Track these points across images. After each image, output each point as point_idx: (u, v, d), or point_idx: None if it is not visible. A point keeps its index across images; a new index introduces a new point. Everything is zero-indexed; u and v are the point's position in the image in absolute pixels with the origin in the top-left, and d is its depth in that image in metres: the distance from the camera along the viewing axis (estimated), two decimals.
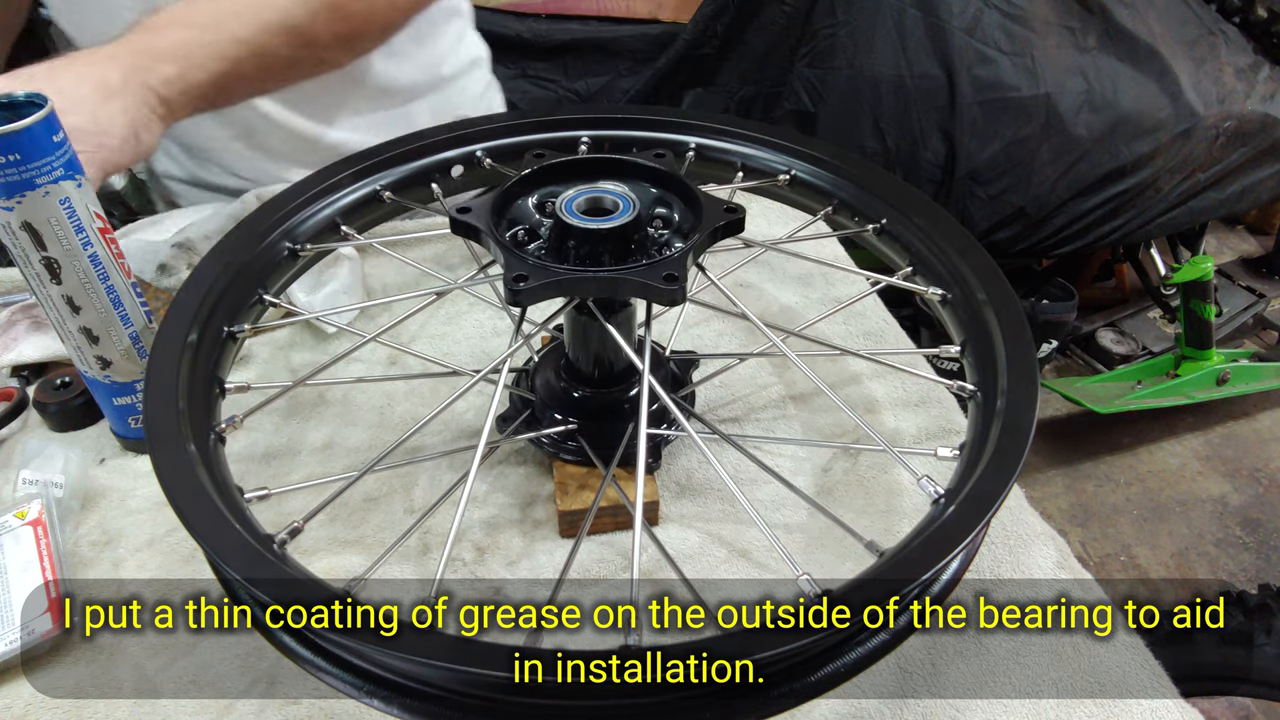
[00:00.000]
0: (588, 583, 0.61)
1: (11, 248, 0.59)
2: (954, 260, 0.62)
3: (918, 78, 1.73)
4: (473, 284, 0.67)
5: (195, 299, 0.58)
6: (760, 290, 0.90)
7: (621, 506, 0.63)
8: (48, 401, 0.72)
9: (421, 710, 0.42)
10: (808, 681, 0.43)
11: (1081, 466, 2.19)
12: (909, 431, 0.73)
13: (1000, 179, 1.77)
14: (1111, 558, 1.98)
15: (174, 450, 0.49)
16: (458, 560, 0.62)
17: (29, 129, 0.54)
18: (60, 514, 0.63)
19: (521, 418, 0.68)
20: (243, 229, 0.65)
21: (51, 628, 0.55)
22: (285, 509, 0.63)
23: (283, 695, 0.54)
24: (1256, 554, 1.98)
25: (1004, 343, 0.55)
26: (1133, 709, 0.53)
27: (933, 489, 0.50)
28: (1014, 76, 1.72)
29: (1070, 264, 2.42)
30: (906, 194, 0.68)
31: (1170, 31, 1.81)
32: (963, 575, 0.49)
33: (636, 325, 0.63)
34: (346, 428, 0.74)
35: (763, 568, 0.62)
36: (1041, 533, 0.64)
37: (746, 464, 0.65)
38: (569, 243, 0.55)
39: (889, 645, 0.45)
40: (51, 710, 0.53)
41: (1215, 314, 2.03)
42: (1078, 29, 1.77)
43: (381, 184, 0.72)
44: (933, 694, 0.54)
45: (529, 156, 0.62)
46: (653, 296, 0.52)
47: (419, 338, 0.85)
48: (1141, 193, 1.81)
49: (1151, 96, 1.76)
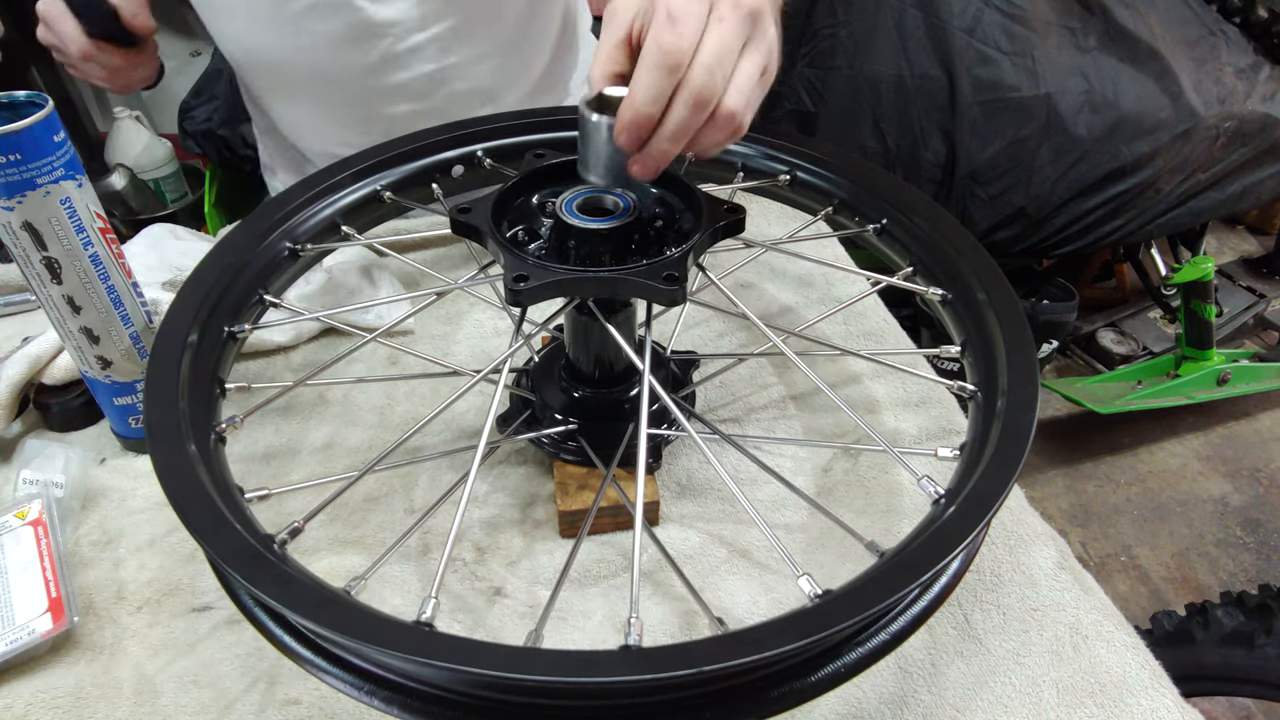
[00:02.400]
0: (588, 583, 0.61)
1: (12, 247, 0.59)
2: (954, 260, 0.62)
3: (918, 78, 1.73)
4: (473, 284, 0.67)
5: (195, 299, 0.58)
6: (760, 290, 0.90)
7: (621, 506, 0.63)
8: (48, 401, 0.72)
9: (421, 710, 0.42)
10: (808, 681, 0.43)
11: (1082, 466, 2.19)
12: (909, 431, 0.73)
13: (1000, 179, 1.77)
14: (1112, 558, 1.98)
15: (174, 450, 0.49)
16: (458, 560, 0.62)
17: (30, 129, 0.54)
18: (60, 514, 0.63)
19: (522, 418, 0.68)
20: (243, 229, 0.65)
21: (51, 628, 0.55)
22: (285, 509, 0.63)
23: (283, 695, 0.54)
24: (1256, 554, 1.98)
25: (1004, 343, 0.55)
26: (1133, 709, 0.53)
27: (933, 489, 0.50)
28: (1014, 76, 1.72)
29: (1070, 264, 2.41)
30: (906, 194, 0.68)
31: (1171, 32, 1.80)
32: (963, 575, 0.49)
33: (637, 325, 0.63)
34: (347, 428, 0.74)
35: (763, 568, 0.62)
36: (1041, 533, 0.64)
37: (747, 464, 0.65)
38: (569, 243, 0.55)
39: (889, 645, 0.45)
40: (51, 710, 0.53)
41: (1216, 314, 2.03)
42: (1078, 29, 1.77)
43: (382, 184, 0.72)
44: (933, 694, 0.54)
45: (529, 156, 0.62)
46: (653, 296, 0.52)
47: (419, 338, 0.85)
48: (1142, 193, 1.81)
49: (1152, 97, 1.76)
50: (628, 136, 0.48)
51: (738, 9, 0.46)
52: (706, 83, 0.46)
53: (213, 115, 1.97)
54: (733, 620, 0.57)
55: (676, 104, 0.46)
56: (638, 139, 0.48)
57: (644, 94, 0.46)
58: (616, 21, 0.49)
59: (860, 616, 0.40)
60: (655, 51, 0.45)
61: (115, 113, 2.29)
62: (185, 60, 2.51)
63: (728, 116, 0.47)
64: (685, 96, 0.46)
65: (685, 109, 0.46)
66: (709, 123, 0.47)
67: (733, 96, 0.47)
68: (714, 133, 0.48)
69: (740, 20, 0.46)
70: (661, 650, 0.40)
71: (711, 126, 0.47)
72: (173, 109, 2.08)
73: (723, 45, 0.46)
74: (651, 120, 0.47)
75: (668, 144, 0.47)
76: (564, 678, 0.37)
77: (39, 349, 0.72)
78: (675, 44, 0.45)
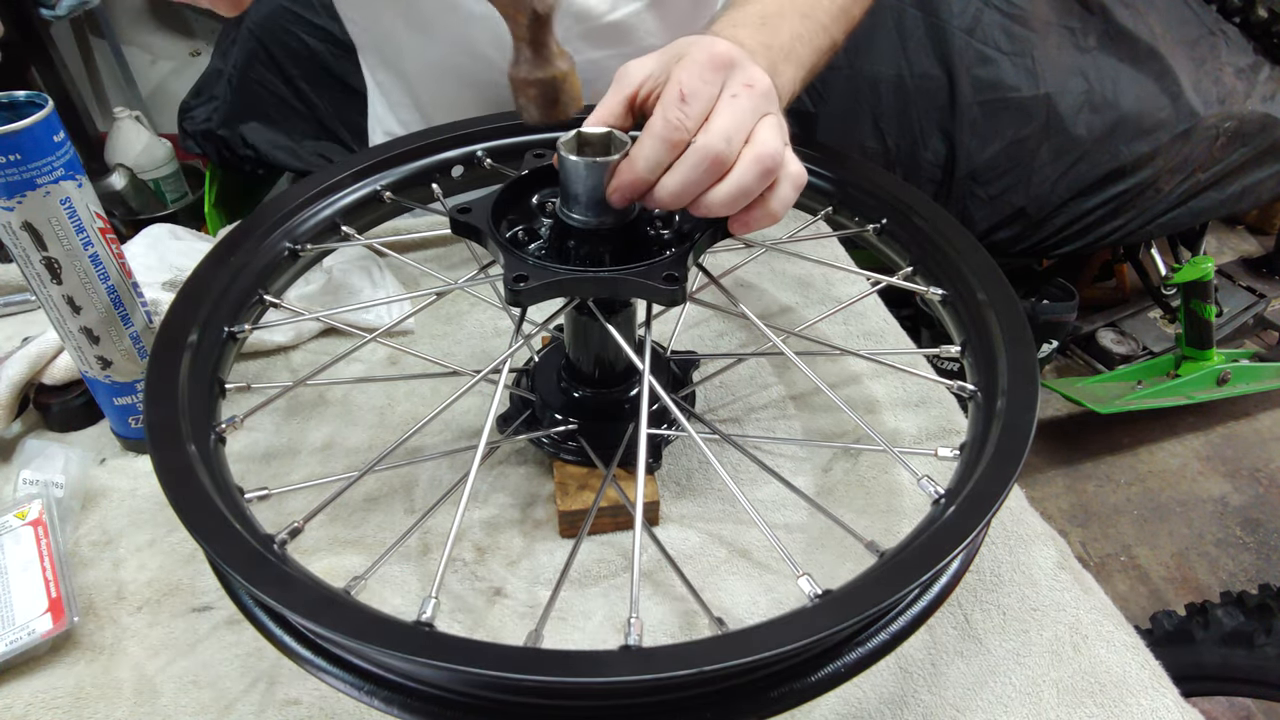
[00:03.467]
0: (588, 583, 0.61)
1: (12, 248, 0.59)
2: (954, 260, 0.62)
3: (918, 78, 1.73)
4: (473, 284, 0.67)
5: (195, 299, 0.58)
6: (760, 290, 0.90)
7: (621, 506, 0.63)
8: (48, 401, 0.72)
9: (421, 710, 0.42)
10: (808, 681, 0.43)
11: (1081, 466, 2.19)
12: (909, 431, 0.73)
13: (1000, 179, 1.77)
14: (1111, 558, 1.98)
15: (174, 450, 0.49)
16: (458, 560, 0.62)
17: (30, 129, 0.54)
18: (60, 514, 0.63)
19: (522, 418, 0.68)
20: (243, 229, 0.65)
21: (51, 628, 0.55)
22: (285, 509, 0.63)
23: (283, 695, 0.54)
24: (1256, 554, 1.98)
25: (1004, 343, 0.55)
26: (1132, 709, 0.53)
27: (933, 489, 0.50)
28: (1014, 76, 1.72)
29: (1070, 264, 2.41)
30: (906, 194, 0.68)
31: (1171, 32, 1.81)
32: (963, 575, 0.49)
33: (637, 325, 0.63)
34: (347, 428, 0.74)
35: (763, 568, 0.62)
36: (1041, 533, 0.64)
37: (747, 464, 0.65)
38: (569, 243, 0.55)
39: (889, 645, 0.45)
40: (51, 710, 0.53)
41: (1215, 314, 2.03)
42: (1078, 29, 1.77)
43: (382, 184, 0.72)
44: (933, 694, 0.54)
45: (529, 156, 0.62)
46: (653, 296, 0.52)
47: (419, 338, 0.85)
48: (1142, 193, 1.81)
49: (1152, 97, 1.76)
50: (620, 196, 0.50)
51: (751, 88, 0.48)
52: (719, 148, 0.46)
53: (213, 115, 1.97)
54: (733, 620, 0.57)
55: (683, 164, 0.47)
56: (628, 200, 0.50)
57: (644, 162, 0.48)
58: (626, 81, 0.51)
59: (860, 616, 0.40)
60: (662, 124, 0.47)
61: (115, 113, 2.30)
62: (185, 60, 2.52)
63: (768, 156, 0.47)
64: (695, 158, 0.47)
65: (693, 170, 0.47)
66: (762, 182, 0.48)
67: (763, 142, 0.47)
68: (754, 179, 0.48)
69: (754, 97, 0.48)
70: (661, 650, 0.40)
71: (754, 174, 0.47)
72: (173, 109, 2.08)
73: (735, 120, 0.47)
74: (647, 185, 0.49)
75: (666, 198, 0.49)
76: (564, 678, 0.37)
77: (39, 349, 0.72)
78: (681, 121, 0.47)
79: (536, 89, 0.49)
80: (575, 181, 0.52)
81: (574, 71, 0.50)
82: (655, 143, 0.48)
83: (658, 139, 0.47)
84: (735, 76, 0.48)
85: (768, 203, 0.49)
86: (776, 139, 0.48)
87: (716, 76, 0.48)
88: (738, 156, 0.47)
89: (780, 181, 0.49)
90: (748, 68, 0.49)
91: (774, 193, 0.49)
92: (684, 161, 0.47)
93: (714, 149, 0.46)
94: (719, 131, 0.47)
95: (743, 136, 0.47)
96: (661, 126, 0.47)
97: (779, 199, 0.49)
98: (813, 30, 0.61)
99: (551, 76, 0.49)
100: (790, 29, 0.58)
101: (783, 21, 0.58)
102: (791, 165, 0.49)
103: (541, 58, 0.48)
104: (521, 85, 0.49)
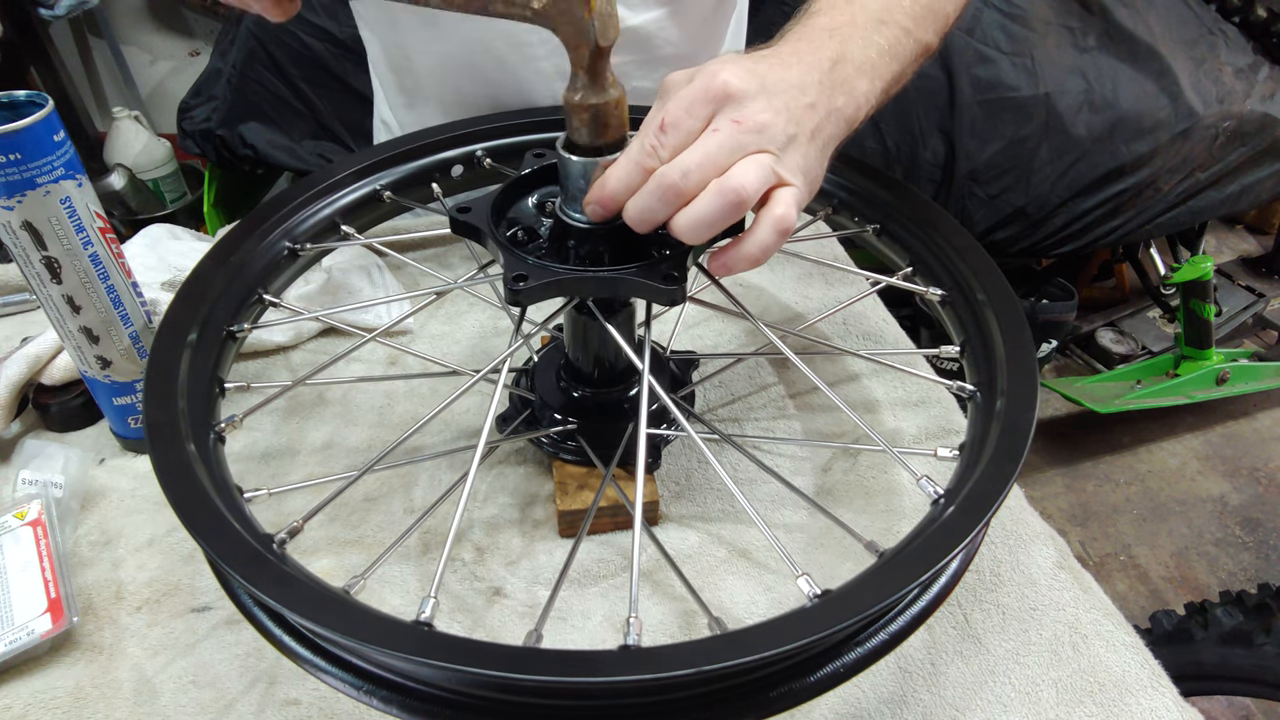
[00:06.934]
0: (587, 582, 0.61)
1: (12, 247, 0.59)
2: (954, 260, 0.62)
3: (917, 77, 1.72)
4: (473, 284, 0.67)
5: (195, 299, 0.58)
6: (760, 290, 0.90)
7: (621, 506, 0.63)
8: (47, 401, 0.72)
9: (421, 710, 0.42)
10: (807, 681, 0.43)
11: (1081, 466, 2.19)
12: (909, 431, 0.73)
13: (1000, 179, 1.77)
14: (1111, 558, 1.98)
15: (174, 450, 0.49)
16: (458, 560, 0.62)
17: (30, 128, 0.54)
18: (60, 514, 0.63)
19: (521, 418, 0.68)
20: (242, 229, 0.65)
21: (51, 628, 0.55)
22: (285, 509, 0.63)
23: (282, 695, 0.54)
24: (1256, 554, 1.98)
25: (1004, 343, 0.55)
26: (1132, 708, 0.53)
27: (932, 489, 0.50)
28: (1014, 76, 1.72)
29: (1070, 264, 2.42)
30: (906, 194, 0.68)
31: (1170, 31, 1.81)
32: (963, 575, 0.49)
33: (636, 325, 0.63)
34: (346, 427, 0.74)
35: (763, 568, 0.62)
36: (1041, 533, 0.64)
37: (746, 464, 0.65)
38: (569, 242, 0.55)
39: (889, 645, 0.45)
40: (51, 710, 0.53)
41: (1215, 314, 2.03)
42: (1078, 29, 1.77)
43: (381, 183, 0.72)
44: (932, 694, 0.54)
45: (529, 156, 0.62)
46: (652, 296, 0.52)
47: (419, 338, 0.85)
48: (1141, 192, 1.81)
49: (1151, 96, 1.76)
50: (593, 209, 0.51)
51: (739, 124, 0.47)
52: (673, 178, 0.47)
53: (212, 115, 1.96)
54: (732, 620, 0.57)
55: (643, 191, 0.48)
56: (602, 216, 0.51)
57: (615, 182, 0.49)
58: (666, 95, 0.51)
59: (859, 616, 0.40)
60: (637, 148, 0.49)
61: (115, 113, 2.30)
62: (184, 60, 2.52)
63: (731, 190, 0.47)
64: (653, 185, 0.48)
65: (650, 197, 0.48)
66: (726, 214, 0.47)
67: (732, 175, 0.47)
68: (714, 210, 0.47)
69: (738, 133, 0.47)
70: (661, 650, 0.40)
71: (715, 205, 0.47)
72: (172, 109, 2.08)
73: (704, 154, 0.47)
74: (618, 204, 0.50)
75: (630, 219, 0.50)
76: (564, 678, 0.38)
77: (38, 349, 0.72)
78: (655, 150, 0.48)
79: (590, 114, 0.50)
80: (575, 181, 0.52)
81: (624, 98, 0.51)
82: (628, 165, 0.49)
83: (631, 162, 0.49)
84: (726, 111, 0.48)
85: (742, 245, 0.49)
86: (752, 176, 0.47)
87: (704, 110, 0.48)
88: (704, 188, 0.48)
89: (760, 223, 0.48)
90: (744, 104, 0.48)
91: (751, 235, 0.49)
92: (644, 188, 0.48)
93: (668, 179, 0.47)
94: (679, 164, 0.47)
95: (712, 170, 0.47)
96: (636, 151, 0.49)
97: (755, 241, 0.48)
98: (892, 38, 0.59)
99: (605, 103, 0.50)
100: (863, 39, 0.57)
101: (854, 31, 0.57)
102: (777, 208, 0.48)
103: (598, 85, 0.50)
104: (576, 109, 0.50)
